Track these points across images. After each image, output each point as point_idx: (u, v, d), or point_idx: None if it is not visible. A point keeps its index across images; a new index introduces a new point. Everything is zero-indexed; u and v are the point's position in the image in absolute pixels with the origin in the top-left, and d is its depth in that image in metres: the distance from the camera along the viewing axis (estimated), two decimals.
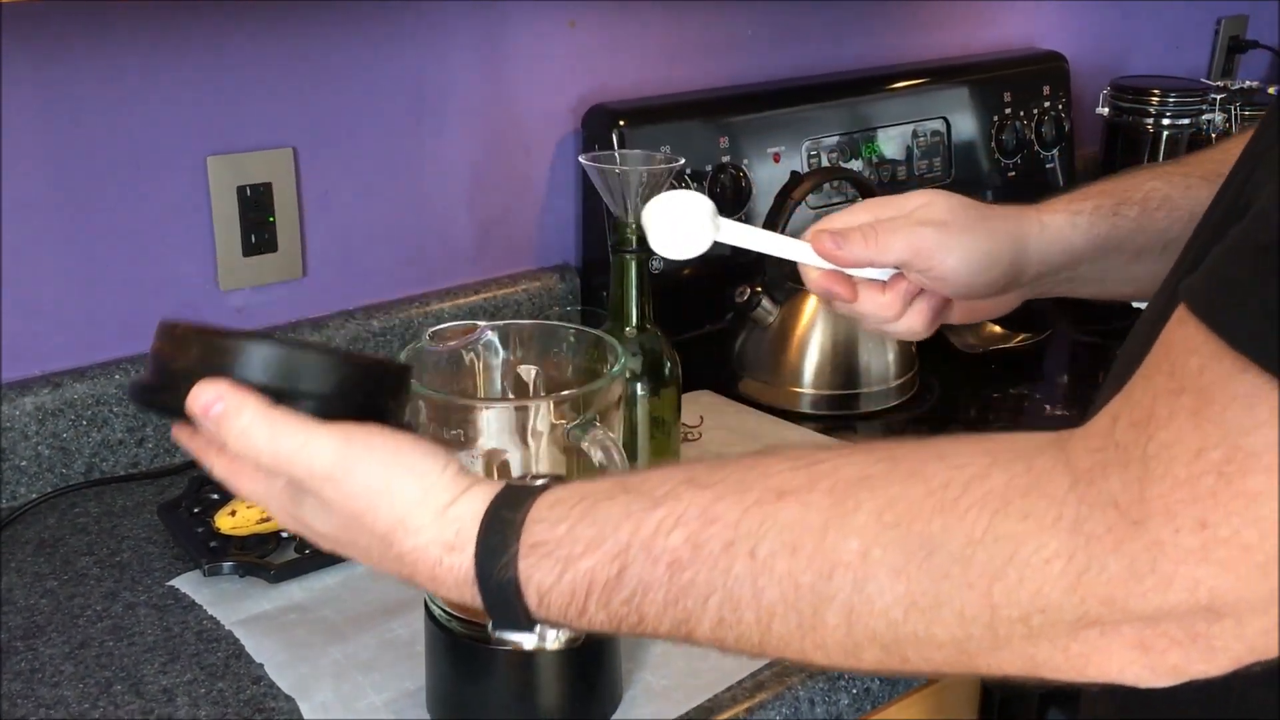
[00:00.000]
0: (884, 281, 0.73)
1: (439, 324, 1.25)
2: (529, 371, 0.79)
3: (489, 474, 0.70)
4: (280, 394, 0.54)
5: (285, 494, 0.56)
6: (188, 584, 0.90)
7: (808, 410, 1.21)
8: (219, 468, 0.58)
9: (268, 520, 0.92)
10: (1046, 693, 0.95)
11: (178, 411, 0.55)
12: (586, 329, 0.79)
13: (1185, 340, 0.40)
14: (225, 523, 0.92)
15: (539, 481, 0.54)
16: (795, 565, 0.45)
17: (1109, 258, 0.74)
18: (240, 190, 1.09)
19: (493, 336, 0.77)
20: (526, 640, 0.55)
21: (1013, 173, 1.57)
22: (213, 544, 0.92)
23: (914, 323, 0.75)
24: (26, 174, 0.99)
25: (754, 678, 0.80)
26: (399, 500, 0.53)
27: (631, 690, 0.79)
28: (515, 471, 0.70)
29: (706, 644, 0.49)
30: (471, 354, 0.77)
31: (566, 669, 0.74)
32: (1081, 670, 0.42)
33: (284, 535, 0.93)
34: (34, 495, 1.02)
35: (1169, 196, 0.74)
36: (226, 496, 0.96)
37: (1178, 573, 0.39)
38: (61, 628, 0.86)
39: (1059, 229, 0.73)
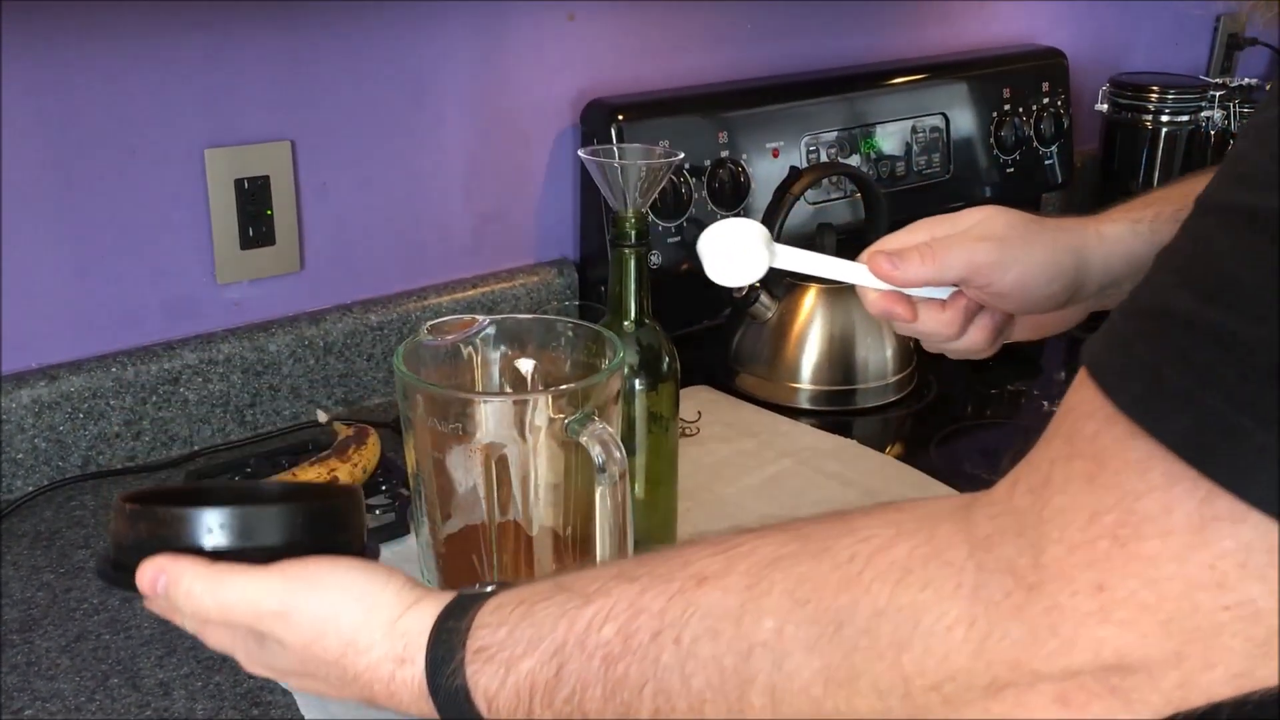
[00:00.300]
0: (944, 300, 0.72)
1: (437, 318, 1.25)
2: (527, 365, 0.79)
3: (488, 469, 0.70)
4: (230, 554, 0.57)
5: (248, 641, 0.58)
6: None
7: (805, 406, 1.21)
8: (187, 629, 0.60)
9: None
10: None
11: (135, 588, 0.58)
12: (585, 323, 0.79)
13: (1082, 404, 0.40)
14: None
15: (488, 589, 0.54)
16: (718, 649, 0.46)
17: None
18: (238, 183, 1.09)
19: (491, 330, 0.77)
20: None
21: (1011, 169, 1.56)
22: None
23: (976, 340, 0.74)
24: (23, 166, 0.99)
25: None
26: (345, 624, 0.55)
27: None
28: (513, 466, 0.70)
29: None
30: (470, 348, 0.77)
31: None
32: None
33: None
34: (30, 488, 1.02)
35: None
36: None
37: (1079, 634, 0.39)
38: (58, 621, 0.85)
39: (1119, 238, 0.72)
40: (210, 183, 1.08)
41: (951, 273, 0.70)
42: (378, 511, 0.97)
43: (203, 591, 0.56)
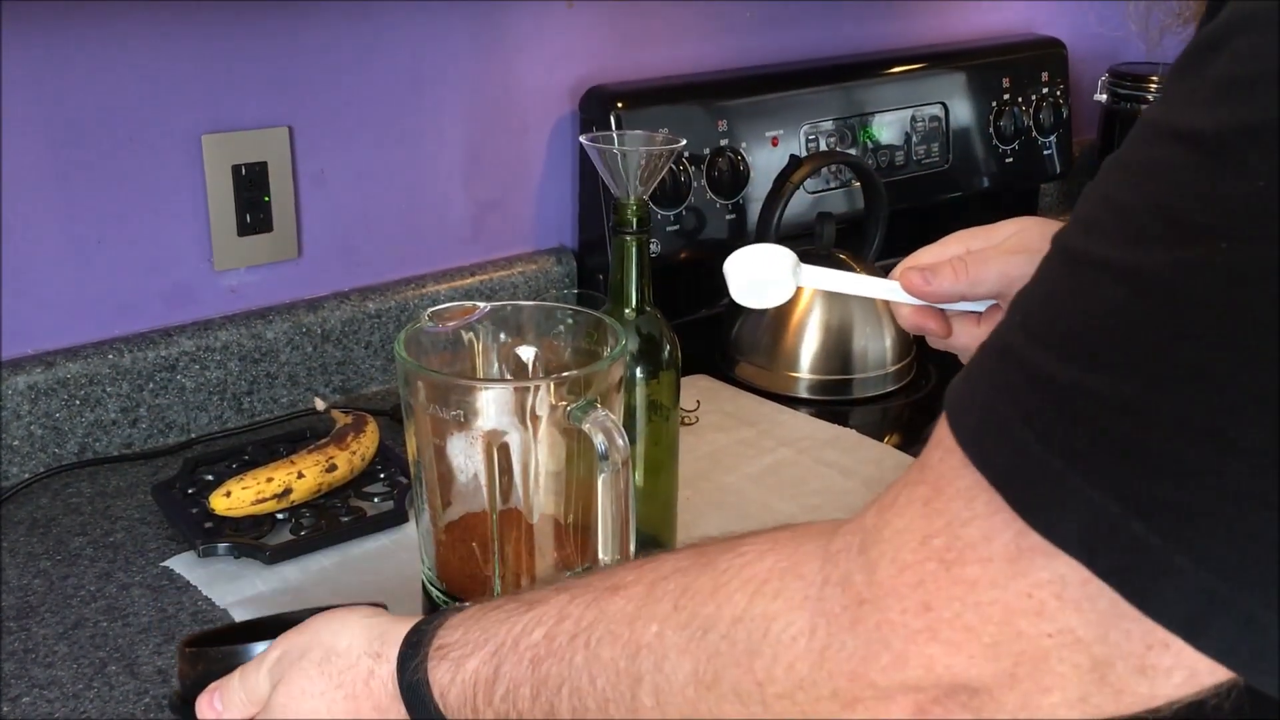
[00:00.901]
0: (980, 313, 0.71)
1: (435, 305, 1.25)
2: (528, 353, 0.78)
3: (489, 456, 0.69)
4: None
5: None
6: (182, 565, 0.90)
7: (804, 395, 1.21)
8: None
9: (262, 501, 0.92)
10: None
11: None
12: (586, 310, 0.79)
13: (937, 433, 0.42)
14: (220, 503, 0.91)
15: (465, 605, 0.58)
16: (614, 651, 0.49)
17: None
18: (235, 169, 1.08)
19: (490, 318, 0.77)
20: None
21: (1010, 159, 1.56)
22: (207, 525, 0.92)
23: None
24: (20, 152, 0.98)
25: None
26: (334, 638, 0.60)
27: None
28: (515, 453, 0.70)
29: None
30: (471, 335, 0.77)
31: None
32: None
33: (279, 516, 0.93)
34: (26, 475, 1.02)
35: None
36: (221, 477, 0.95)
37: (909, 650, 0.41)
38: (55, 608, 0.85)
39: None
40: (207, 169, 1.07)
41: (985, 287, 0.69)
42: (376, 500, 0.97)
43: (249, 674, 0.62)
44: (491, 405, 0.69)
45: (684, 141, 0.84)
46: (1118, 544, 0.36)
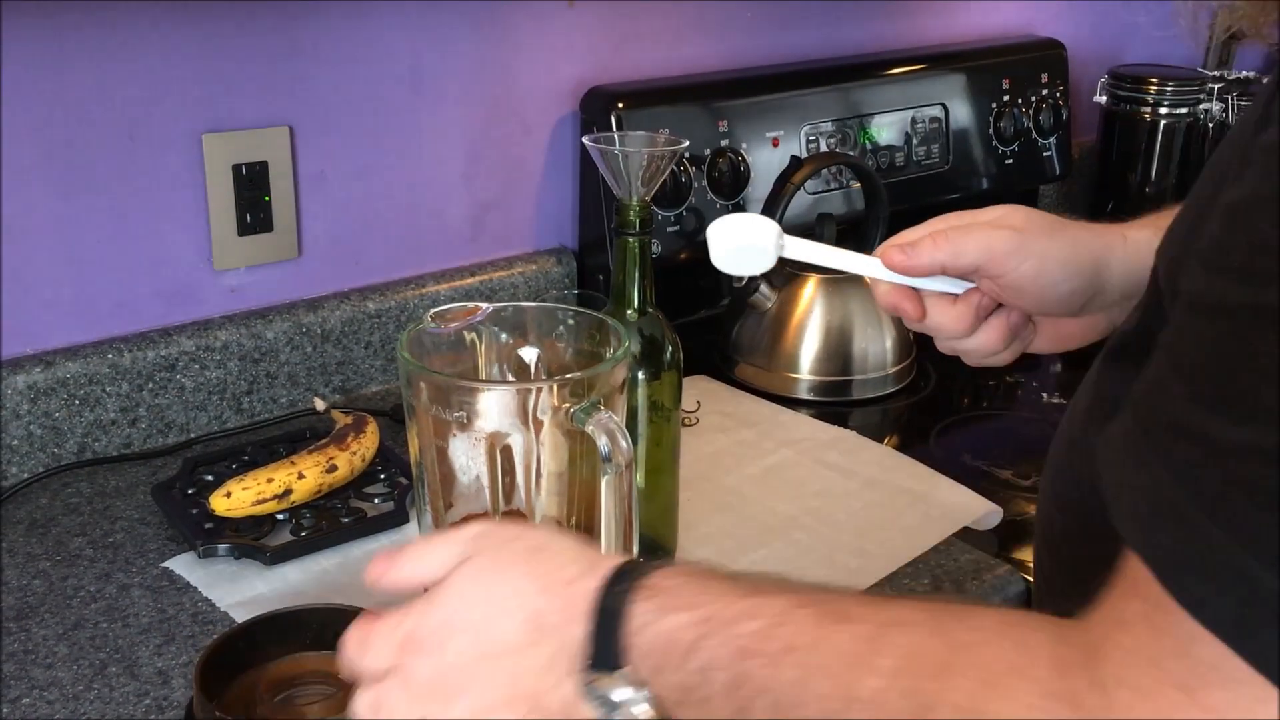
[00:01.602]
0: (956, 295, 0.71)
1: (435, 306, 1.24)
2: (530, 354, 0.78)
3: (491, 457, 0.69)
4: None
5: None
6: (182, 566, 0.90)
7: (804, 396, 1.21)
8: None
9: (263, 502, 0.92)
10: None
11: None
12: (589, 311, 0.79)
13: (1128, 535, 0.41)
14: (220, 504, 0.91)
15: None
16: (827, 690, 0.47)
17: None
18: (236, 169, 1.08)
19: (492, 320, 0.77)
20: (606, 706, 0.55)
21: (1010, 160, 1.56)
22: (207, 525, 0.91)
23: (989, 340, 0.72)
24: (20, 151, 0.98)
25: None
26: (549, 539, 0.58)
27: None
28: (517, 455, 0.69)
29: None
30: (473, 336, 0.76)
31: None
32: None
33: (279, 517, 0.93)
34: (25, 475, 1.01)
35: None
36: (221, 478, 0.95)
37: None
38: (55, 609, 0.85)
39: (1145, 244, 0.69)
40: (208, 168, 1.07)
41: (966, 258, 0.68)
42: (377, 500, 0.97)
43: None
44: (494, 407, 0.69)
45: (686, 143, 0.84)
46: None
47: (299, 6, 1.08)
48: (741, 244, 0.72)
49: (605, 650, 0.53)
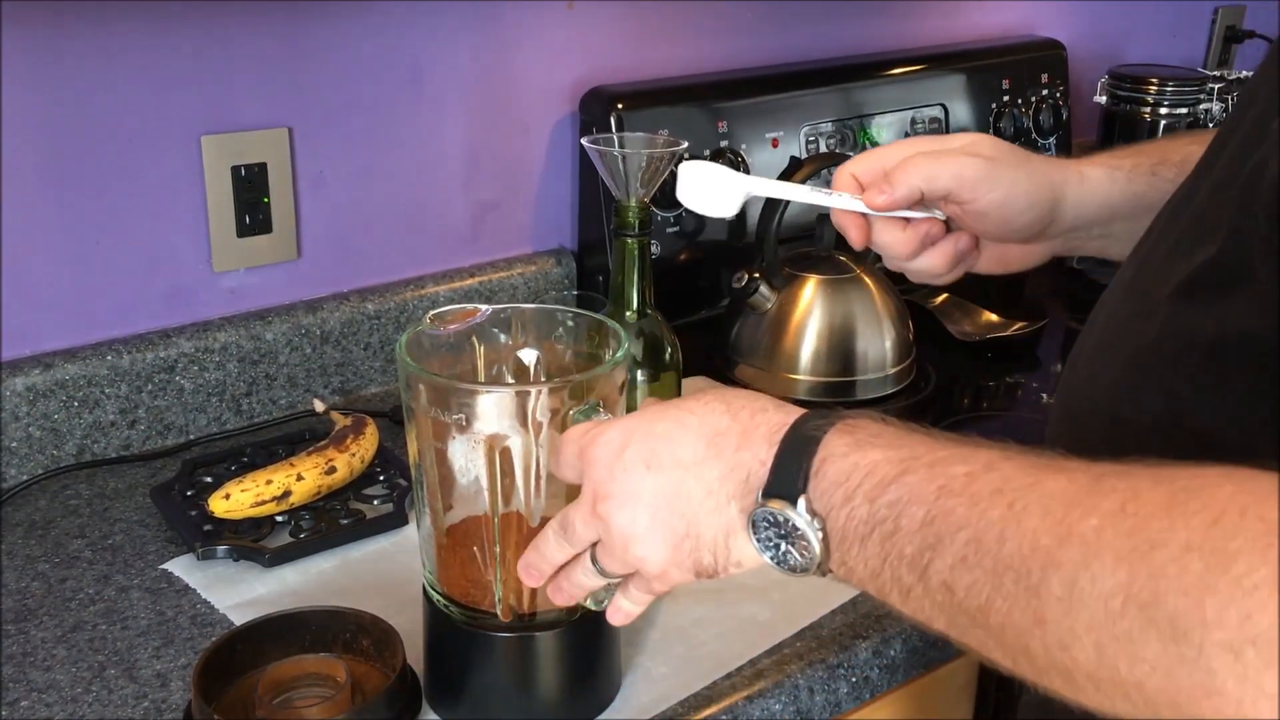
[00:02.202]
0: (906, 220, 0.74)
1: (434, 307, 1.24)
2: (530, 356, 0.78)
3: (490, 460, 0.69)
4: None
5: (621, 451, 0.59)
6: (181, 567, 0.89)
7: (803, 397, 1.21)
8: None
9: (262, 504, 0.92)
10: None
11: None
12: (588, 313, 0.78)
13: None
14: (219, 506, 0.91)
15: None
16: (1040, 525, 0.46)
17: (1143, 218, 0.74)
18: (235, 170, 1.08)
19: (491, 322, 0.77)
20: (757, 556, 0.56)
21: None
22: (206, 527, 0.91)
23: (936, 263, 0.75)
24: (19, 153, 0.98)
25: (753, 665, 0.80)
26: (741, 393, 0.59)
27: (631, 676, 0.79)
28: (516, 457, 0.69)
29: (936, 591, 0.49)
30: (473, 337, 0.76)
31: (565, 654, 0.73)
32: None
33: (278, 519, 0.93)
34: (25, 477, 1.01)
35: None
36: (220, 479, 0.95)
37: None
38: (53, 611, 0.85)
39: (1098, 182, 0.74)
40: (207, 170, 1.07)
41: (939, 183, 0.71)
42: (376, 502, 0.97)
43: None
44: (493, 409, 0.68)
45: (685, 144, 0.84)
46: None
47: (298, 8, 1.08)
48: (710, 185, 0.75)
49: (789, 474, 0.53)
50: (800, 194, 0.76)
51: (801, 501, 0.53)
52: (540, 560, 0.65)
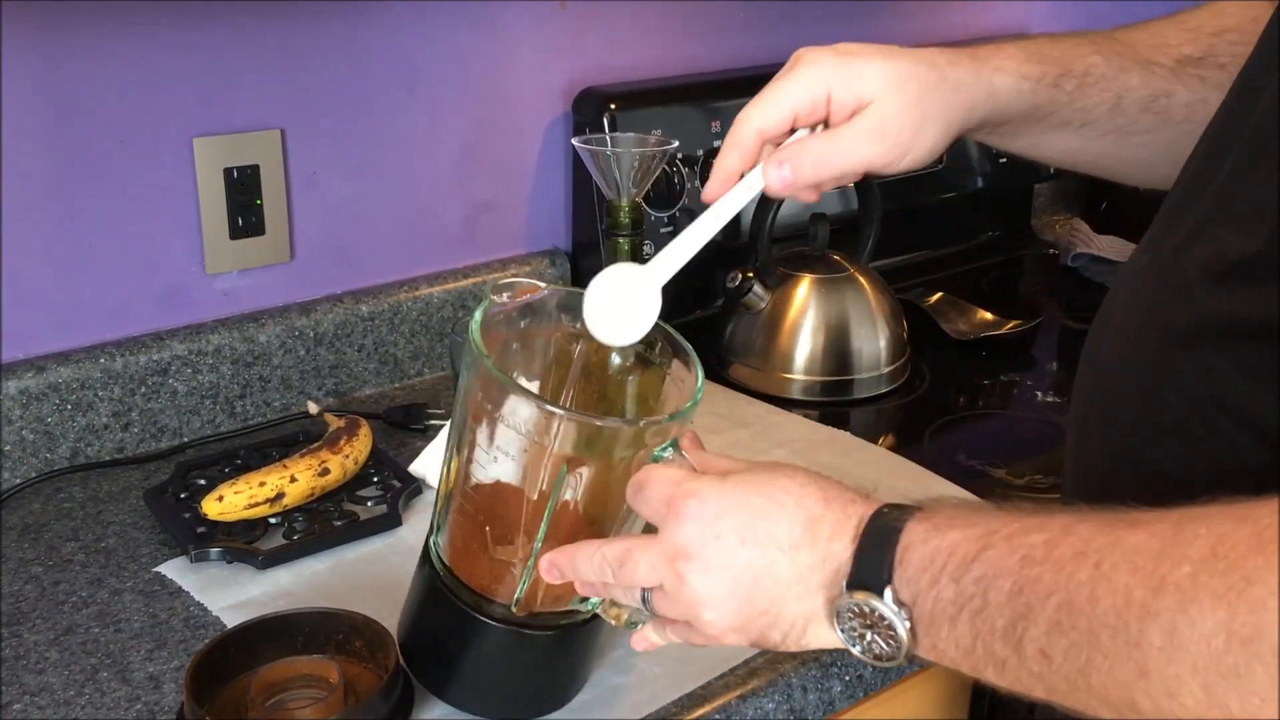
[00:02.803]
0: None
1: (429, 309, 1.24)
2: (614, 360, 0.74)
3: (556, 478, 0.65)
4: None
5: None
6: (174, 570, 0.89)
7: (798, 397, 1.21)
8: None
9: (255, 505, 0.92)
10: None
11: None
12: (672, 333, 0.74)
13: None
14: (212, 508, 0.91)
15: None
16: (1131, 580, 0.46)
17: (1031, 125, 0.75)
18: (227, 172, 1.08)
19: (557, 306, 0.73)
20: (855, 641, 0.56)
21: (1004, 159, 1.56)
22: (200, 530, 0.91)
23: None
24: (11, 157, 0.98)
25: (747, 665, 0.79)
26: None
27: (625, 677, 0.79)
28: (583, 479, 0.66)
29: (1032, 660, 0.49)
30: (529, 316, 0.72)
31: (556, 654, 0.73)
32: None
33: (271, 520, 0.93)
34: (18, 480, 1.01)
35: (1105, 75, 0.75)
36: (213, 481, 0.95)
37: None
38: (46, 614, 0.85)
39: (1006, 92, 0.73)
40: (199, 172, 1.07)
41: (853, 170, 0.70)
42: (370, 503, 0.97)
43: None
44: (568, 434, 0.64)
45: (676, 143, 0.84)
46: None
47: (290, 10, 1.08)
48: (620, 306, 0.67)
49: (874, 565, 0.54)
50: (707, 228, 0.69)
51: (888, 592, 0.54)
52: (571, 569, 0.64)
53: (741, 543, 0.58)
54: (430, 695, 0.75)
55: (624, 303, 0.67)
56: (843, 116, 0.69)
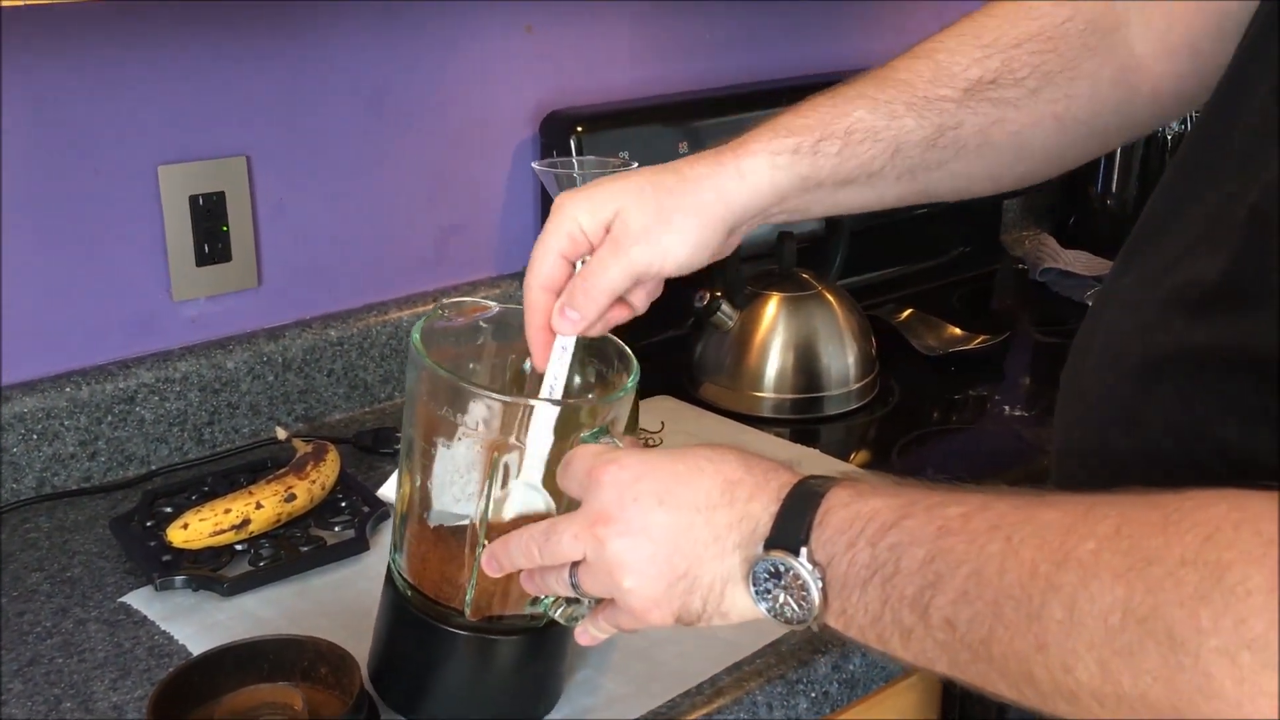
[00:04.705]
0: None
1: (398, 333, 1.24)
2: (527, 362, 0.76)
3: (490, 465, 0.68)
4: None
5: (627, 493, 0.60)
6: (139, 599, 0.89)
7: (769, 414, 1.21)
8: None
9: (220, 533, 0.91)
10: None
11: None
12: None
13: None
14: (177, 536, 0.91)
15: None
16: (1038, 554, 0.47)
17: (812, 192, 0.74)
18: (193, 199, 1.08)
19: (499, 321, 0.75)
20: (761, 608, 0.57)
21: None
22: (165, 558, 0.91)
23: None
24: None
25: (713, 684, 0.79)
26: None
27: (592, 698, 0.79)
28: (514, 468, 0.68)
29: (938, 629, 0.50)
30: (485, 337, 0.75)
31: (523, 659, 0.73)
32: None
33: (237, 547, 0.92)
34: None
35: (872, 128, 0.74)
36: (180, 509, 0.95)
37: None
38: (10, 645, 0.84)
39: (759, 174, 0.72)
40: (165, 199, 1.07)
41: (624, 290, 0.70)
42: (337, 528, 0.97)
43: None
44: (499, 418, 0.67)
45: (635, 164, 0.84)
46: None
47: (254, 35, 1.08)
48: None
49: (793, 524, 0.55)
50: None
51: (804, 551, 0.55)
52: (506, 557, 0.65)
53: (659, 503, 0.58)
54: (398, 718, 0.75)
55: None
56: (601, 241, 0.70)
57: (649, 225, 0.70)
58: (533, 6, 1.25)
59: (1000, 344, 1.37)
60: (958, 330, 1.39)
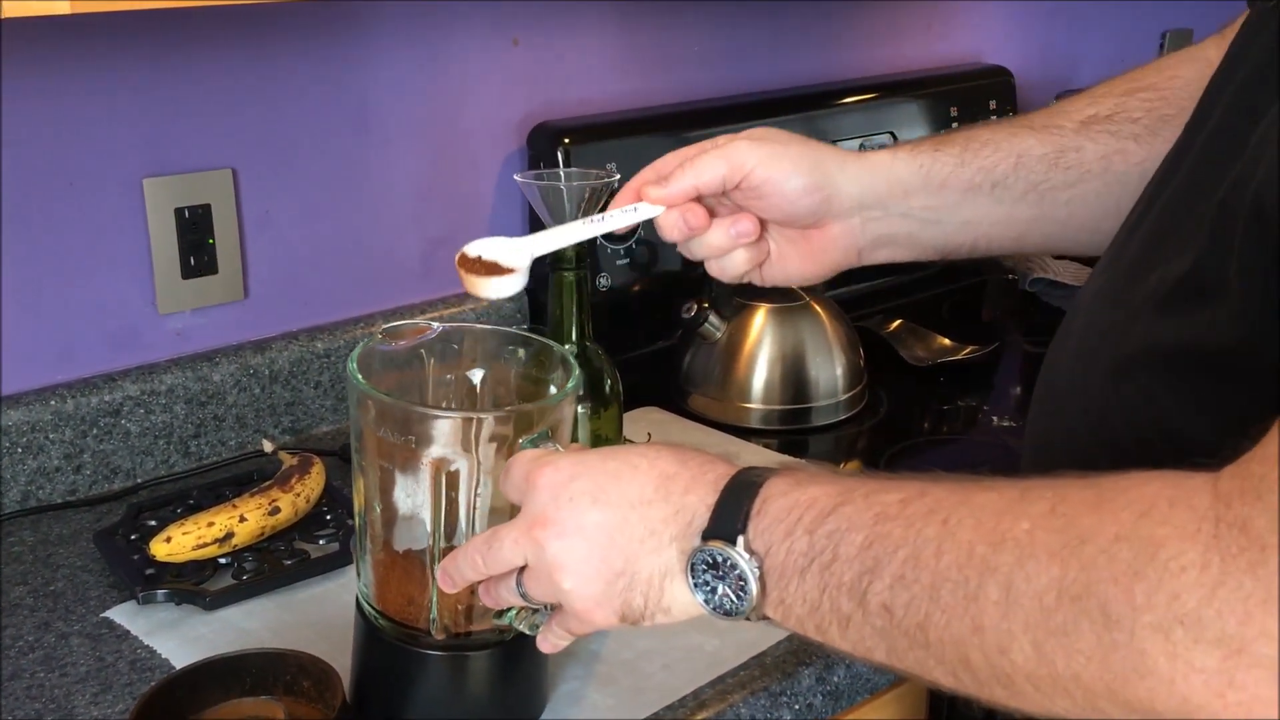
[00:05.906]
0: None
1: None
2: (477, 375, 0.78)
3: (436, 483, 0.68)
4: None
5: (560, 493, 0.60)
6: (122, 613, 0.89)
7: (757, 425, 1.21)
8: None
9: (204, 546, 0.91)
10: None
11: None
12: (539, 338, 0.78)
13: None
14: (160, 549, 0.90)
15: None
16: (974, 536, 0.48)
17: (938, 194, 0.76)
18: (178, 212, 1.08)
19: (441, 340, 0.76)
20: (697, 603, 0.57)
21: None
22: (148, 571, 0.90)
23: (717, 242, 0.78)
24: None
25: (696, 696, 0.79)
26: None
27: (576, 710, 0.78)
28: (462, 483, 0.69)
29: (875, 615, 0.50)
30: (424, 354, 0.76)
31: (496, 674, 0.73)
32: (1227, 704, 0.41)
33: (221, 561, 0.92)
34: None
35: (992, 140, 0.77)
36: (164, 523, 0.94)
37: None
38: None
39: (878, 158, 0.76)
40: (150, 212, 1.07)
41: (712, 171, 0.74)
42: (322, 541, 0.96)
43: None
44: (442, 434, 0.68)
45: (618, 176, 0.84)
46: None
47: (240, 48, 1.08)
48: (492, 269, 0.76)
49: (730, 515, 0.55)
50: (580, 231, 0.77)
51: (741, 540, 0.54)
52: (456, 571, 0.65)
53: (593, 502, 0.58)
54: None
55: (498, 263, 0.75)
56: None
57: (762, 138, 0.75)
58: (519, 19, 1.25)
59: (989, 354, 1.37)
60: (947, 341, 1.39)
